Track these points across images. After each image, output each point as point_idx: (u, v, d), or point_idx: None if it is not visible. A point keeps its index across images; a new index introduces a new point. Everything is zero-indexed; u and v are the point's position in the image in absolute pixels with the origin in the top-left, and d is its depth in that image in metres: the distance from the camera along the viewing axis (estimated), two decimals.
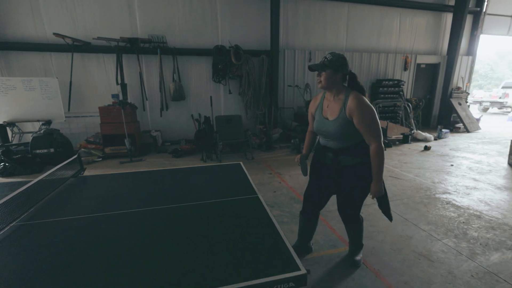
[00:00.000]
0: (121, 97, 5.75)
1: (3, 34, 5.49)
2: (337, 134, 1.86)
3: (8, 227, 1.33)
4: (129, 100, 5.94)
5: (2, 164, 4.59)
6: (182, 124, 6.55)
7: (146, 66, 6.21)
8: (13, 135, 5.60)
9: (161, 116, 6.39)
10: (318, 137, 2.14)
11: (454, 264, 2.32)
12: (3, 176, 4.45)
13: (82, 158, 5.02)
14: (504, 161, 5.28)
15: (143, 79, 6.19)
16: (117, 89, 5.88)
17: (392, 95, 7.88)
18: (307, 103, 6.40)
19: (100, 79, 6.05)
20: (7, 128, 5.48)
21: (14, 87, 5.29)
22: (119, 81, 5.89)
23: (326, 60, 1.82)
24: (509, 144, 5.37)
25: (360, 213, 2.18)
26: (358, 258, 2.33)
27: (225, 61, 6.45)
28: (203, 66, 6.54)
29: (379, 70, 8.07)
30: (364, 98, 1.80)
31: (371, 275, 2.19)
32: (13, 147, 5.04)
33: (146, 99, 6.28)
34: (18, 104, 5.34)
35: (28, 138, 5.30)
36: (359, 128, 1.79)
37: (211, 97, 5.99)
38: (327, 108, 1.91)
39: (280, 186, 4.04)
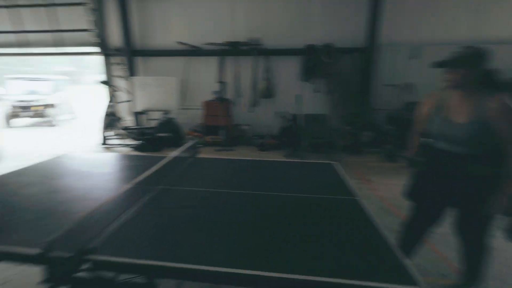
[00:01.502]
0: (220, 94, 6.76)
1: (145, 44, 7.25)
2: (468, 139, 1.61)
3: (156, 189, 1.87)
4: (226, 97, 6.91)
5: (138, 142, 6.18)
6: (268, 120, 7.16)
7: (242, 66, 7.05)
8: (145, 121, 7.34)
9: (250, 111, 7.16)
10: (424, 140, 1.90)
11: None
12: (137, 150, 5.99)
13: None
14: None
15: (239, 78, 7.07)
16: (217, 87, 6.92)
17: None
18: (409, 105, 5.86)
19: (205, 78, 7.23)
20: (142, 115, 7.23)
21: (148, 84, 6.93)
22: (220, 80, 6.90)
23: (462, 55, 1.58)
24: None
25: (489, 240, 1.80)
26: None
27: (315, 60, 6.65)
28: (293, 65, 6.94)
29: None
30: (508, 99, 1.55)
31: None
32: (145, 130, 6.63)
33: (240, 96, 7.15)
34: (150, 97, 6.97)
35: (153, 124, 6.86)
36: (501, 134, 1.53)
37: (298, 95, 6.36)
38: (455, 109, 1.66)
39: (369, 194, 3.81)
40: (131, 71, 7.22)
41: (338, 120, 6.84)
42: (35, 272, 2.15)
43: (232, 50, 6.82)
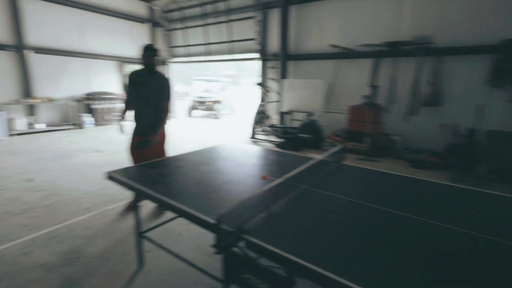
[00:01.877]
0: (370, 98, 6.26)
1: (299, 50, 7.67)
2: None
3: (301, 188, 1.90)
4: (377, 102, 6.33)
5: (281, 140, 6.64)
6: (428, 133, 6.05)
7: (401, 68, 6.25)
8: (289, 121, 7.80)
9: (406, 121, 6.26)
10: None
11: None
12: (279, 147, 6.42)
13: (328, 147, 6.18)
14: None
15: (395, 82, 6.31)
16: (368, 91, 6.44)
17: None
18: None
19: (354, 81, 6.88)
20: (287, 115, 7.72)
21: (297, 86, 7.29)
22: (371, 83, 6.39)
23: None
24: None
25: None
26: None
27: None
28: (473, 66, 5.53)
29: None
30: None
31: None
32: (288, 129, 7.04)
33: (394, 102, 6.38)
34: (296, 98, 7.33)
35: (296, 124, 7.17)
36: None
37: (480, 104, 5.02)
38: None
39: None
40: (283, 74, 7.81)
41: None
42: (201, 232, 2.75)
43: (390, 51, 6.16)
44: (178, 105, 12.72)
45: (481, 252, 1.27)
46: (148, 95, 2.87)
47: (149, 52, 2.83)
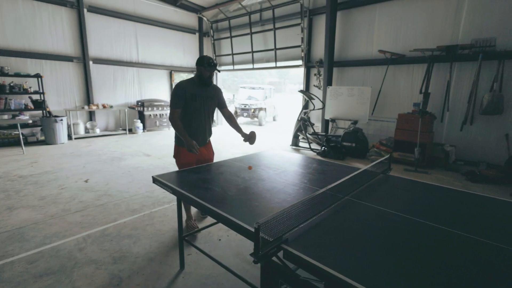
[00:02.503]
0: (421, 106, 5.81)
1: (345, 56, 7.47)
2: None
3: (343, 199, 1.86)
4: (428, 110, 5.86)
5: (323, 148, 6.47)
6: (487, 143, 5.42)
7: (457, 74, 5.72)
8: (332, 128, 7.57)
9: (461, 130, 5.69)
10: None
11: None
12: (322, 156, 6.26)
13: (372, 157, 5.86)
14: None
15: (449, 88, 5.79)
16: (419, 98, 5.99)
17: None
18: None
19: (404, 88, 6.46)
20: (330, 122, 7.51)
21: (341, 93, 7.08)
22: (423, 90, 5.94)
23: None
24: None
25: None
26: None
27: None
28: None
29: None
30: None
31: None
32: (331, 137, 6.84)
33: (447, 110, 5.84)
34: (340, 106, 7.11)
35: (340, 132, 6.93)
36: None
37: None
38: None
39: None
40: (328, 81, 7.64)
41: None
42: (240, 238, 2.79)
43: (445, 55, 5.68)
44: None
45: None
46: (211, 107, 2.88)
47: (212, 68, 2.69)
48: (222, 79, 12.52)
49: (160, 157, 6.10)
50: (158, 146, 7.25)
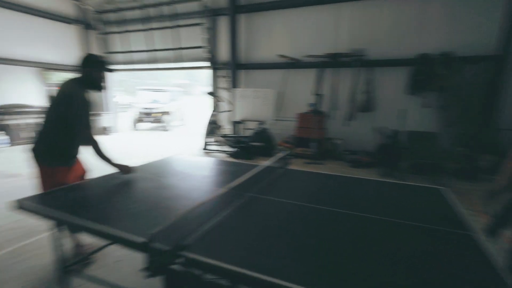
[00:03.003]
0: (315, 106, 6.60)
1: (249, 58, 7.82)
2: None
3: (246, 196, 1.90)
4: (321, 109, 6.70)
5: (234, 149, 6.61)
6: (364, 136, 6.59)
7: (341, 78, 6.73)
8: (241, 130, 7.83)
9: (345, 125, 6.73)
10: None
11: None
12: (232, 157, 6.39)
13: (279, 154, 6.34)
14: None
15: (336, 90, 6.77)
16: (313, 99, 6.78)
17: None
18: None
19: (301, 90, 7.22)
20: (240, 124, 7.75)
21: (248, 96, 7.38)
22: (316, 92, 6.76)
23: None
24: None
25: None
26: None
27: (427, 71, 5.83)
28: (398, 77, 6.23)
29: None
30: None
31: None
32: (241, 138, 7.05)
33: (336, 109, 6.82)
34: (248, 107, 7.40)
35: (247, 133, 7.23)
36: None
37: (402, 109, 5.64)
38: None
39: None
40: (234, 83, 7.86)
41: (450, 140, 5.81)
42: (141, 256, 2.51)
43: (332, 61, 6.62)
44: (121, 117, 11.89)
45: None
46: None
47: (100, 67, 2.23)
48: (120, 80, 11.22)
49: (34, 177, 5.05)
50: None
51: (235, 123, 7.82)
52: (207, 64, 8.38)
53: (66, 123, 2.13)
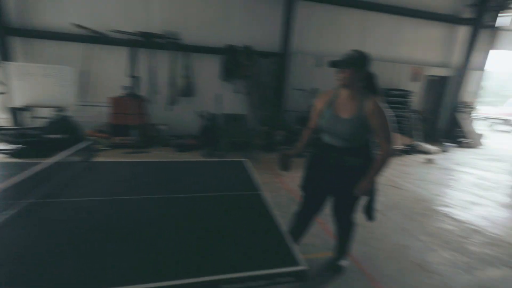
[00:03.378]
0: (131, 90, 5.93)
1: (27, 22, 5.74)
2: (348, 134, 1.81)
3: (21, 204, 1.43)
4: (140, 93, 6.12)
5: (17, 146, 4.82)
6: (188, 120, 6.71)
7: (159, 61, 6.38)
8: (29, 119, 5.84)
9: (168, 110, 6.56)
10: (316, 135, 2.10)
11: (450, 276, 2.32)
12: (17, 157, 4.67)
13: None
14: (509, 179, 5.27)
15: (154, 74, 6.37)
16: (128, 81, 6.06)
17: (400, 105, 7.90)
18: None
19: (114, 71, 6.24)
20: (23, 112, 5.72)
21: (32, 74, 5.51)
22: (131, 74, 6.07)
23: (350, 56, 1.78)
24: None
25: (355, 218, 2.14)
26: (342, 263, 2.30)
27: (234, 61, 6.60)
28: (214, 64, 6.69)
29: (389, 79, 8.11)
30: (381, 100, 1.81)
31: (365, 280, 2.22)
32: (28, 130, 5.25)
33: (156, 93, 6.46)
34: (34, 89, 5.55)
35: (39, 123, 5.52)
36: (375, 130, 1.78)
37: (218, 94, 6.14)
38: (342, 106, 1.86)
39: (280, 187, 4.13)
40: (4, 55, 5.63)
41: (255, 120, 7.02)
42: None
43: (145, 41, 6.09)
44: None
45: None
46: None
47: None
48: None
49: None
50: None
51: (15, 111, 5.72)
52: None
53: None
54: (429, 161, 6.16)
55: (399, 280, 2.23)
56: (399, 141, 6.88)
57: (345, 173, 1.90)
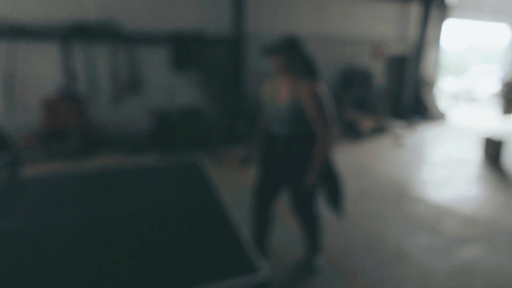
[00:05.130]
0: (66, 88, 5.17)
1: None
2: (289, 120, 1.81)
3: None
4: (77, 92, 5.36)
5: None
6: (138, 118, 6.05)
7: (98, 53, 5.63)
8: None
9: (112, 109, 5.84)
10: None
11: (429, 261, 2.28)
12: None
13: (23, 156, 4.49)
14: (474, 153, 5.28)
15: (93, 68, 5.62)
16: (63, 80, 5.28)
17: (362, 84, 7.76)
18: None
19: (41, 67, 5.39)
20: None
21: None
22: (66, 71, 5.29)
23: (280, 42, 1.75)
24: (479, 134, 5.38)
25: (318, 210, 2.06)
26: (315, 263, 2.15)
27: (185, 49, 5.99)
28: (162, 53, 6.05)
29: (348, 58, 7.94)
30: (318, 85, 1.77)
31: (342, 277, 2.09)
32: None
33: (97, 91, 5.72)
34: None
35: None
36: (310, 115, 1.76)
37: (170, 88, 5.56)
38: (280, 93, 1.86)
39: (243, 183, 3.81)
40: None
41: (214, 113, 6.55)
42: None
43: (79, 32, 5.29)
44: None
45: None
46: None
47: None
48: None
49: None
50: None
51: None
52: None
53: None
54: (397, 141, 6.07)
55: (378, 272, 2.13)
56: (366, 122, 6.75)
57: (293, 162, 1.87)
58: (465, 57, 32.49)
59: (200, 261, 1.19)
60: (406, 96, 8.99)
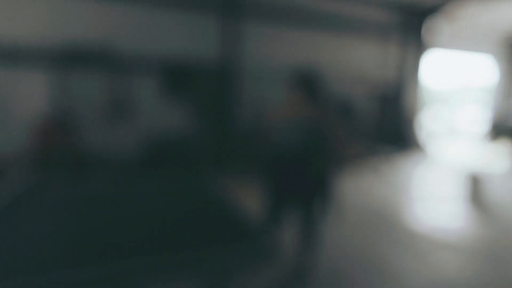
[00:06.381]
0: (55, 112, 5.07)
1: None
2: (301, 142, 1.98)
3: None
4: (69, 116, 5.26)
5: None
6: (126, 144, 5.92)
7: (86, 78, 5.55)
8: None
9: (101, 134, 5.72)
10: None
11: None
12: None
13: None
14: (455, 187, 5.35)
15: (82, 93, 5.53)
16: (55, 104, 5.17)
17: (349, 115, 7.87)
18: None
19: (32, 90, 5.23)
20: None
21: None
22: (58, 97, 5.21)
23: (297, 77, 2.03)
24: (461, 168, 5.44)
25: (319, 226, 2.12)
26: (307, 263, 2.20)
27: (170, 81, 5.95)
28: (150, 82, 5.93)
29: (336, 91, 7.99)
30: (327, 108, 2.03)
31: None
32: None
33: (87, 116, 5.60)
34: None
35: None
36: (328, 132, 1.98)
37: (159, 115, 5.47)
38: (293, 114, 2.05)
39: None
40: None
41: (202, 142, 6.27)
42: None
43: (73, 56, 5.23)
44: None
45: None
46: None
47: None
48: None
49: None
50: None
51: None
52: None
53: None
54: (377, 172, 6.15)
55: None
56: (351, 150, 6.87)
57: (301, 180, 1.97)
58: (447, 89, 33.76)
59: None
60: (387, 129, 9.23)
